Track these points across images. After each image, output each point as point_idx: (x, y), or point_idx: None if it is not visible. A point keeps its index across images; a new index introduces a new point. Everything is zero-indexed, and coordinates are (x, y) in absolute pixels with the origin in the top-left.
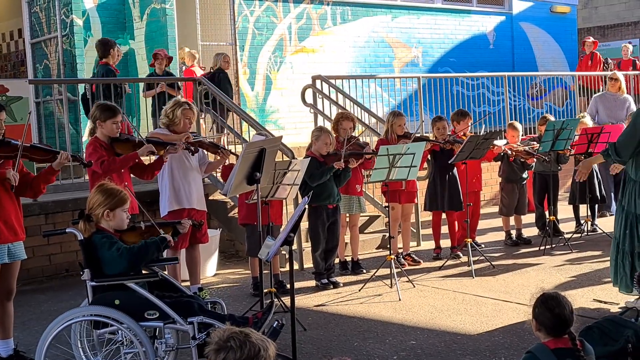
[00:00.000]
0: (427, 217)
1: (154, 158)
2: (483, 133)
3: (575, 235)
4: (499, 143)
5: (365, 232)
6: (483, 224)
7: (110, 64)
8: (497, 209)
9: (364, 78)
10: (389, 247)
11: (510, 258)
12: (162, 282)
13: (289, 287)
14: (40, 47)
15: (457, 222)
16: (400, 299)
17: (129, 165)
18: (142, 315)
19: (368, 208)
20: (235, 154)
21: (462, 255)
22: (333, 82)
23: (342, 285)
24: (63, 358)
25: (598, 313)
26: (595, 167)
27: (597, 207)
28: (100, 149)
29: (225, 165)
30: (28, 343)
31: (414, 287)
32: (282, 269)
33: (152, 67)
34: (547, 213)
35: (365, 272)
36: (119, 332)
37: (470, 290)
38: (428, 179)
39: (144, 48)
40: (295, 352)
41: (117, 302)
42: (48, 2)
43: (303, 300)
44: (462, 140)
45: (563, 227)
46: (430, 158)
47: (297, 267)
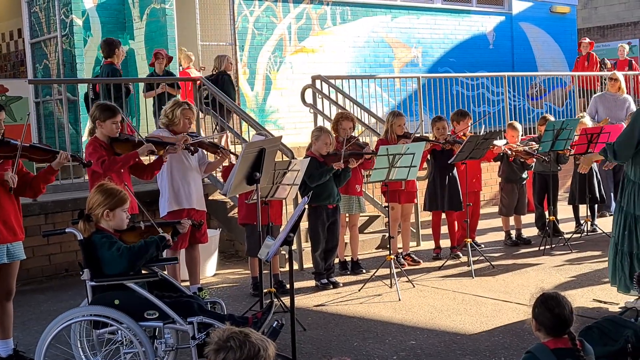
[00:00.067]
0: (426, 217)
1: (154, 158)
2: (483, 133)
3: (575, 236)
4: (499, 143)
5: (365, 232)
6: (483, 224)
7: (116, 64)
8: (496, 209)
9: (364, 78)
10: (389, 247)
11: (510, 258)
12: (161, 282)
13: (289, 287)
14: (40, 47)
15: (456, 222)
16: (400, 299)
17: (130, 164)
18: (141, 315)
19: (368, 208)
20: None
21: (461, 256)
22: (333, 82)
23: (341, 285)
24: (63, 358)
25: (598, 313)
26: (595, 167)
27: (596, 207)
28: (100, 149)
29: (226, 166)
30: (28, 343)
31: (414, 287)
32: (281, 269)
33: (151, 66)
34: (546, 213)
35: (365, 272)
36: (119, 332)
37: (470, 291)
38: (428, 179)
39: (144, 48)
40: (295, 352)
41: (116, 302)
42: (48, 2)
43: (303, 300)
44: (461, 141)
45: (563, 227)
46: (430, 158)
47: (296, 267)
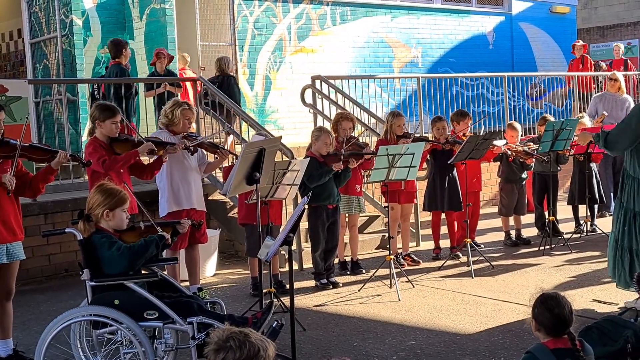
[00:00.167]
0: (426, 217)
1: (154, 158)
2: (482, 133)
3: (575, 236)
4: (499, 143)
5: (365, 232)
6: (482, 224)
7: (123, 64)
8: (496, 209)
9: (364, 78)
10: (389, 247)
11: (510, 258)
12: (161, 282)
13: (289, 287)
14: (40, 47)
15: (456, 222)
16: (400, 299)
17: (130, 163)
18: (141, 315)
19: (367, 208)
20: (235, 154)
21: (461, 256)
22: (332, 82)
23: (341, 286)
24: (62, 358)
25: (597, 313)
26: (595, 167)
27: (596, 207)
28: (100, 149)
29: (227, 166)
30: (27, 343)
31: (414, 287)
32: (281, 269)
33: (152, 66)
34: (546, 213)
35: (365, 272)
36: (119, 332)
37: (470, 291)
38: (427, 179)
39: (144, 48)
40: (295, 352)
41: (116, 302)
42: (47, 2)
43: (302, 301)
44: (461, 141)
45: (562, 227)
46: (430, 158)
47: (296, 267)
